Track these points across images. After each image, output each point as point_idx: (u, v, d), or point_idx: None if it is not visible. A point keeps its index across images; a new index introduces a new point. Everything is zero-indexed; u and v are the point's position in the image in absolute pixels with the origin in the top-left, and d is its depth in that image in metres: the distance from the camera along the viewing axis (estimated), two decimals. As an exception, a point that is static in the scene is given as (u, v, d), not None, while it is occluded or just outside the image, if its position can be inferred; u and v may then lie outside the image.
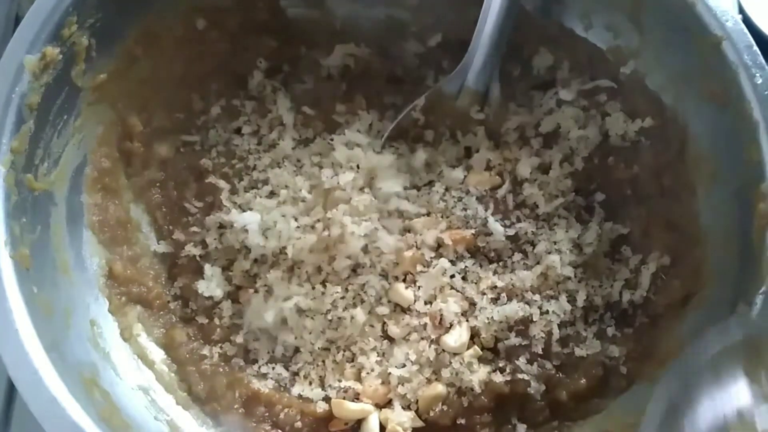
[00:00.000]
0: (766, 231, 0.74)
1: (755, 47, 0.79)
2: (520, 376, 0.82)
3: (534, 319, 0.84)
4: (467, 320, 0.85)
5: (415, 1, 0.98)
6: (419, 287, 0.86)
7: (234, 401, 0.84)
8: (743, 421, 0.61)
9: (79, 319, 0.81)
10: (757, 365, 0.63)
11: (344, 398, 0.83)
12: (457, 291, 0.86)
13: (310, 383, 0.85)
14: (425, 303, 0.86)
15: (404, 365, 0.84)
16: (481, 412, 0.81)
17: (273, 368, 0.86)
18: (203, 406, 0.85)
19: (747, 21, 1.03)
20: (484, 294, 0.86)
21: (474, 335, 0.85)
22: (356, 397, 0.83)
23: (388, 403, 0.84)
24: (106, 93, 0.87)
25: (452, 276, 0.86)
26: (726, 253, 0.79)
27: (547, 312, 0.85)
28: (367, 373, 0.84)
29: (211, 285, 0.88)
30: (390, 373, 0.84)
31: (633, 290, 0.87)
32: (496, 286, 0.86)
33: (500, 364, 0.84)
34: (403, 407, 0.83)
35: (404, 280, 0.87)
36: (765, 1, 1.08)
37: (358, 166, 0.91)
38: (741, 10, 1.07)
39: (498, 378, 0.82)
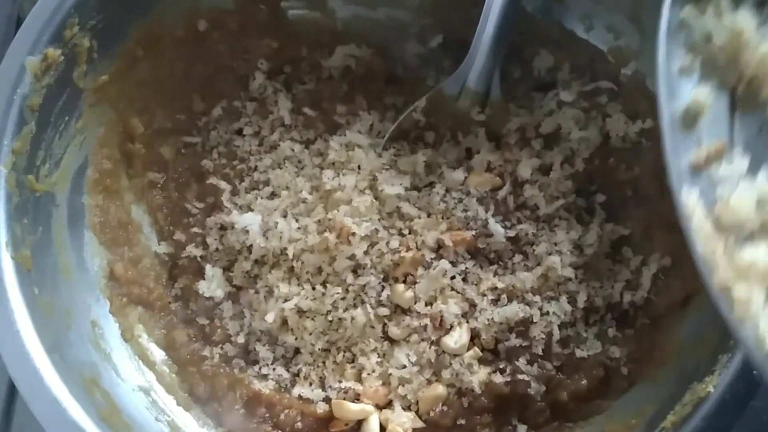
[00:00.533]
0: (766, 232, 0.73)
1: (756, 48, 0.79)
2: (520, 377, 0.82)
3: (534, 320, 0.84)
4: (467, 321, 0.85)
5: (416, 2, 0.98)
6: (419, 288, 0.86)
7: (235, 402, 0.84)
8: None
9: (80, 320, 0.81)
10: None
11: (344, 399, 0.83)
12: (458, 292, 0.86)
13: (311, 384, 0.85)
14: (426, 304, 0.86)
15: (405, 366, 0.84)
16: (481, 413, 0.82)
17: (273, 369, 0.86)
18: (204, 406, 0.85)
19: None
20: (484, 295, 0.86)
21: (474, 336, 0.85)
22: (356, 398, 0.84)
23: (389, 404, 0.84)
24: (107, 94, 0.87)
25: (452, 277, 0.86)
26: (727, 254, 0.78)
27: (548, 313, 0.85)
28: (368, 374, 0.84)
29: (211, 286, 0.89)
30: (390, 374, 0.84)
31: (634, 291, 0.87)
32: (496, 288, 0.86)
33: (500, 365, 0.84)
34: (403, 408, 0.83)
35: (404, 281, 0.87)
36: (766, 2, 1.07)
37: (359, 167, 0.91)
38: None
39: (498, 379, 0.82)
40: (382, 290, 0.86)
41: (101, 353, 0.81)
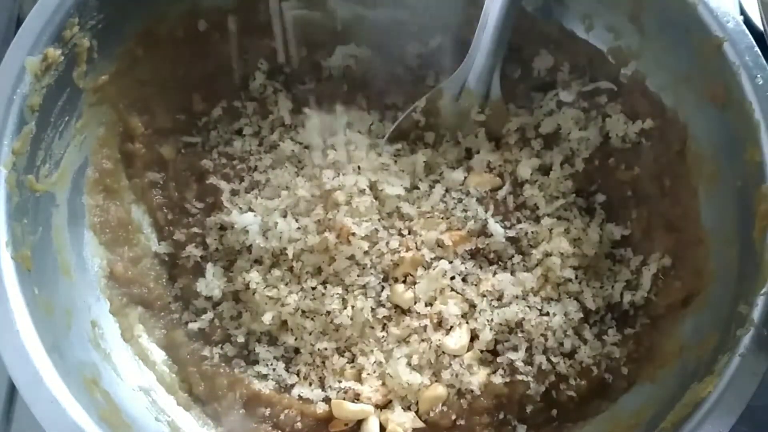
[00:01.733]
0: (766, 232, 0.73)
1: (756, 48, 0.79)
2: (519, 377, 0.82)
3: (534, 321, 0.84)
4: (467, 322, 0.85)
5: (416, 2, 0.98)
6: (419, 289, 0.86)
7: (235, 402, 0.84)
8: None
9: (80, 320, 0.81)
10: None
11: (344, 399, 0.83)
12: (457, 293, 0.86)
13: (310, 384, 0.85)
14: (425, 305, 0.86)
15: (405, 366, 0.84)
16: (480, 413, 0.81)
17: (273, 369, 0.86)
18: (204, 406, 0.85)
19: (748, 22, 1.03)
20: (484, 296, 0.86)
21: (474, 337, 0.85)
22: (356, 398, 0.84)
23: (388, 404, 0.84)
24: (107, 94, 0.87)
25: (452, 278, 0.86)
26: (727, 254, 0.78)
27: (547, 314, 0.85)
28: (368, 374, 0.84)
29: (211, 285, 0.89)
30: (390, 374, 0.84)
31: (634, 291, 0.87)
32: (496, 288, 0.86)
33: (500, 366, 0.84)
34: (403, 408, 0.83)
35: (404, 282, 0.87)
36: (766, 2, 1.08)
37: (359, 167, 0.91)
38: (742, 12, 1.07)
39: (497, 379, 0.82)
40: (382, 290, 0.86)
41: (101, 353, 0.81)
